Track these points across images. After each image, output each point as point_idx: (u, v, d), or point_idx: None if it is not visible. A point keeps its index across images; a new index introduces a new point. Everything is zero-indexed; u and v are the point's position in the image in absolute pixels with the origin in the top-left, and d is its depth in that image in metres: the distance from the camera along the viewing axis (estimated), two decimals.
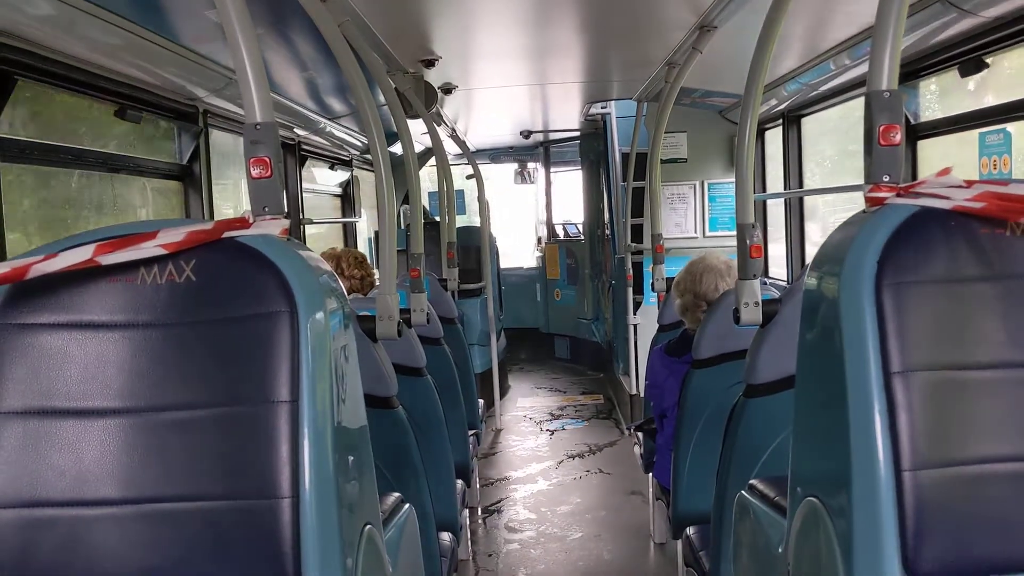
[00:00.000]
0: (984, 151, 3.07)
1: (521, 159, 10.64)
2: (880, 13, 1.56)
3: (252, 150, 1.60)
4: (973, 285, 1.40)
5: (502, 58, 4.69)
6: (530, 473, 6.07)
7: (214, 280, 1.46)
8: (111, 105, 3.11)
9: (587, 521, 5.07)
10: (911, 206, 1.45)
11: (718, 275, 3.32)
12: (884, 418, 1.35)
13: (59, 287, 1.47)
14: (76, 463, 1.43)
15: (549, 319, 10.43)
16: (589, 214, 9.61)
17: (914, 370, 1.36)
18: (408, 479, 2.72)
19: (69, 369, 1.45)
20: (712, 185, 6.38)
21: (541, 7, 3.57)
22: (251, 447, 1.40)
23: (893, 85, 1.55)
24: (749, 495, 2.05)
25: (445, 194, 5.75)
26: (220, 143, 4.04)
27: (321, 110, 5.17)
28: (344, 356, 1.56)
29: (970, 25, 2.85)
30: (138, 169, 3.48)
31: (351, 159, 6.69)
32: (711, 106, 6.06)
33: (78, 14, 2.43)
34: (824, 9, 3.30)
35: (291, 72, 4.15)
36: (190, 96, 3.53)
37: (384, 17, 3.41)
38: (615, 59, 5.03)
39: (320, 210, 6.48)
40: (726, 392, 2.91)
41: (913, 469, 1.34)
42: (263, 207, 1.59)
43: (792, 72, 4.35)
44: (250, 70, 1.61)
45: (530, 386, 9.05)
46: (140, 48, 2.85)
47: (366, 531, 1.58)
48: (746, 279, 2.41)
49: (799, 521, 1.60)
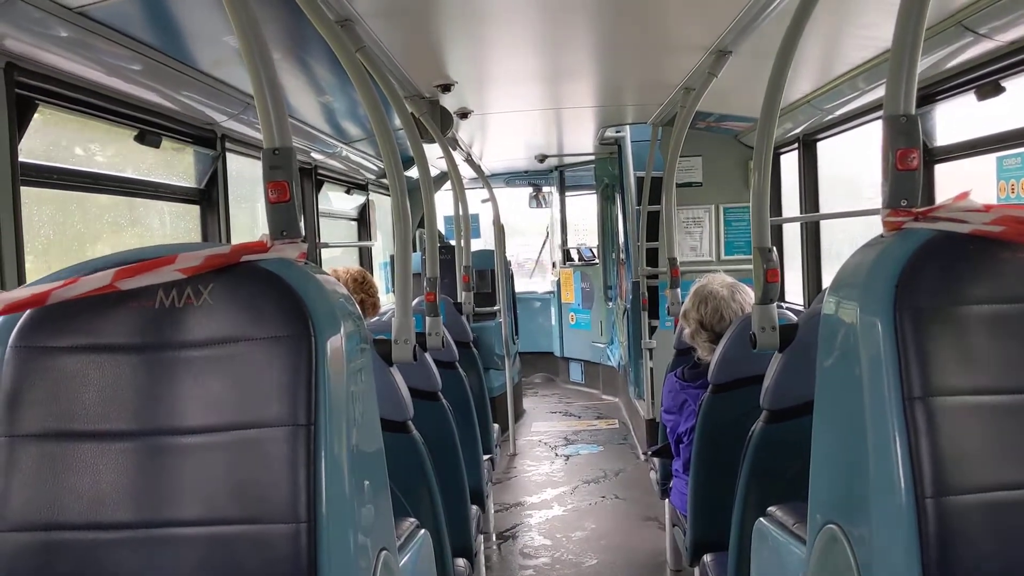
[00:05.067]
0: (1002, 175, 3.06)
1: (536, 183, 10.66)
2: (896, 38, 1.57)
3: (270, 175, 1.62)
4: (991, 309, 1.39)
5: (518, 82, 4.71)
6: (545, 499, 6.04)
7: (232, 304, 1.47)
8: (130, 130, 3.13)
9: (602, 547, 5.03)
10: (929, 230, 1.44)
11: (722, 301, 3.30)
12: (904, 444, 1.34)
13: (78, 310, 1.48)
14: (93, 486, 1.43)
15: (564, 343, 10.41)
16: (604, 238, 9.61)
17: (934, 395, 1.35)
18: (423, 504, 2.71)
19: (87, 392, 1.46)
20: (728, 209, 6.37)
21: (556, 32, 3.59)
22: (267, 471, 1.40)
23: (910, 110, 1.55)
24: (767, 522, 2.03)
25: (460, 218, 5.76)
26: (239, 168, 4.07)
27: (337, 134, 5.20)
28: (361, 380, 1.56)
29: (986, 49, 2.85)
30: (156, 193, 3.51)
31: (367, 183, 6.72)
32: (726, 130, 6.07)
33: (98, 39, 2.46)
34: (840, 33, 3.30)
35: (308, 96, 4.18)
36: (208, 121, 3.56)
37: (401, 43, 3.44)
38: (630, 83, 5.04)
39: (336, 234, 6.51)
40: (743, 417, 2.89)
41: (934, 496, 1.33)
42: (281, 231, 1.60)
43: (808, 96, 4.34)
44: (268, 95, 1.62)
45: (545, 410, 9.01)
46: (159, 73, 2.88)
47: (382, 556, 1.57)
48: (763, 304, 2.40)
49: (819, 549, 1.59)
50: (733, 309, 3.29)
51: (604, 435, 7.77)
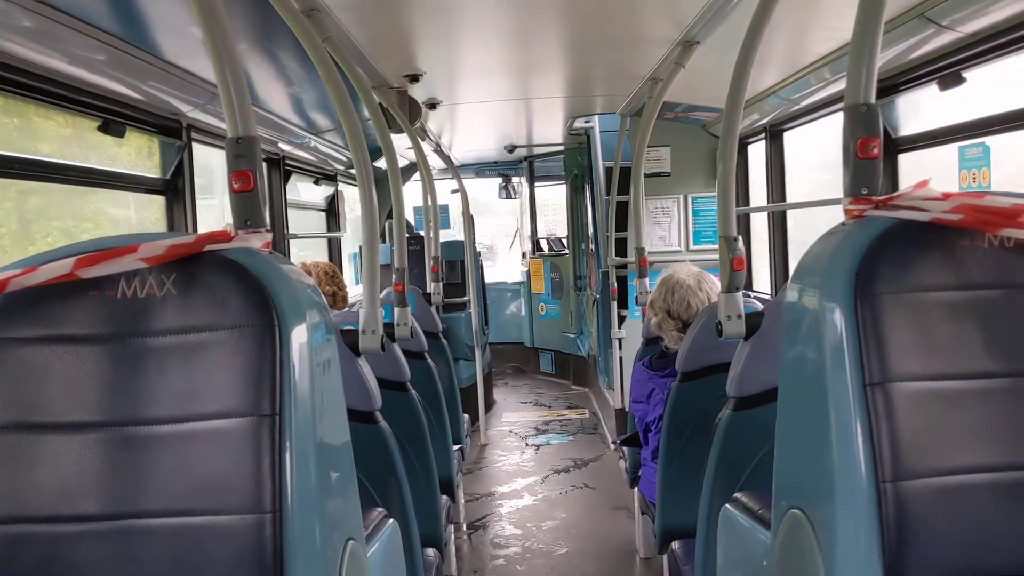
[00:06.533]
0: (964, 164, 3.10)
1: (505, 173, 10.66)
2: (857, 29, 1.58)
3: (234, 163, 1.61)
4: (950, 296, 1.41)
5: (486, 73, 4.70)
6: (515, 488, 6.06)
7: (195, 293, 1.46)
8: (94, 120, 3.10)
9: (572, 536, 5.06)
10: (889, 219, 1.46)
11: (688, 291, 3.33)
12: (864, 429, 1.36)
13: (39, 301, 1.46)
14: (56, 478, 1.42)
15: (534, 333, 10.43)
16: (573, 228, 9.64)
17: (893, 381, 1.37)
18: (392, 494, 2.71)
19: (49, 383, 1.44)
20: (696, 199, 6.41)
21: (525, 23, 3.58)
22: (233, 461, 1.39)
23: (870, 99, 1.56)
24: (733, 508, 2.05)
25: (430, 208, 5.75)
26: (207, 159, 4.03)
27: (306, 125, 5.17)
28: (326, 370, 1.56)
29: (947, 40, 2.88)
30: (121, 183, 3.47)
31: (336, 174, 6.69)
32: (694, 120, 6.10)
33: (61, 28, 2.43)
34: (805, 24, 3.33)
35: (275, 87, 4.15)
36: (174, 111, 3.53)
37: (368, 33, 3.42)
38: (598, 74, 5.05)
39: (305, 225, 6.47)
40: (710, 405, 2.91)
41: (893, 480, 1.35)
42: (245, 221, 1.59)
43: (774, 87, 4.38)
44: (232, 84, 1.61)
45: (515, 400, 9.03)
46: (123, 62, 2.85)
47: (349, 546, 1.57)
48: (729, 292, 2.42)
49: (783, 533, 1.61)
50: (700, 298, 3.32)
51: (574, 425, 7.80)
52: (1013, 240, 1.43)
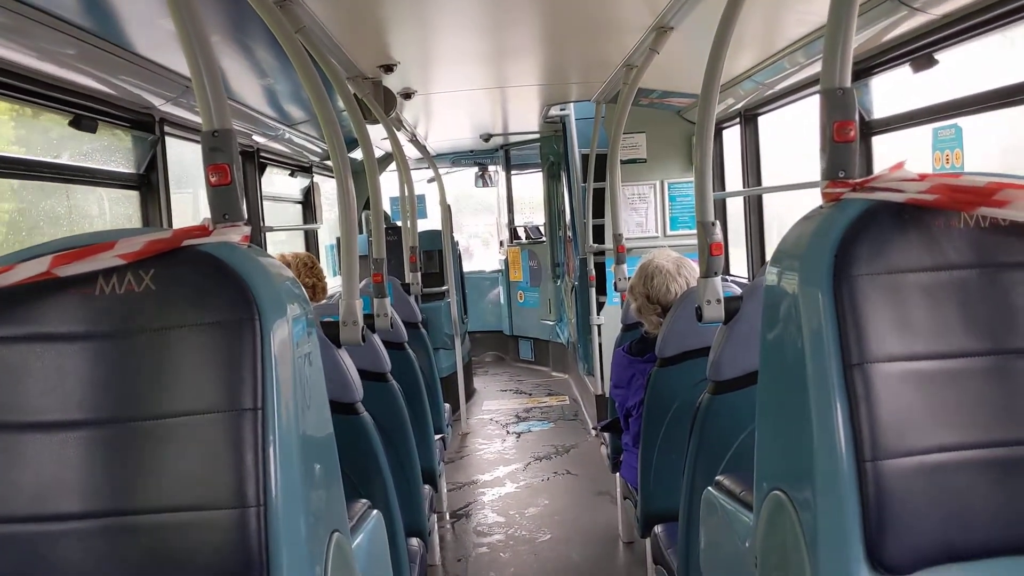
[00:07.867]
0: (937, 145, 3.12)
1: (482, 162, 10.65)
2: (832, 12, 1.59)
3: (210, 157, 1.59)
4: (928, 276, 1.42)
5: (461, 62, 4.69)
6: (497, 476, 6.07)
7: (174, 289, 1.45)
8: (65, 115, 3.06)
9: (555, 523, 5.08)
10: (866, 201, 1.47)
11: (668, 276, 3.34)
12: (844, 410, 1.37)
13: (16, 299, 1.45)
14: (36, 478, 1.41)
15: (513, 321, 10.44)
16: (550, 216, 9.64)
17: (872, 362, 1.38)
18: (375, 485, 2.71)
19: (28, 382, 1.43)
20: (672, 185, 6.43)
21: (498, 11, 3.57)
22: (216, 456, 1.39)
23: (846, 83, 1.57)
24: (715, 491, 2.06)
25: (406, 198, 5.74)
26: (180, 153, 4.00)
27: (280, 117, 5.14)
28: (308, 362, 1.55)
29: (920, 22, 2.90)
30: (94, 179, 3.44)
31: (311, 166, 6.65)
32: (669, 106, 6.11)
33: (30, 23, 2.39)
34: (778, 8, 3.34)
35: (249, 79, 4.12)
36: (146, 105, 3.49)
37: (342, 24, 3.40)
38: (573, 61, 5.05)
39: (282, 217, 6.44)
40: (690, 390, 2.93)
41: (874, 459, 1.36)
42: (223, 214, 1.58)
43: (748, 71, 4.39)
44: (205, 76, 1.60)
45: (495, 389, 9.05)
46: (94, 57, 2.81)
47: (334, 538, 1.57)
48: (707, 277, 2.43)
49: (765, 515, 1.62)
50: (679, 284, 3.33)
51: (555, 412, 7.83)
52: (988, 219, 1.44)
